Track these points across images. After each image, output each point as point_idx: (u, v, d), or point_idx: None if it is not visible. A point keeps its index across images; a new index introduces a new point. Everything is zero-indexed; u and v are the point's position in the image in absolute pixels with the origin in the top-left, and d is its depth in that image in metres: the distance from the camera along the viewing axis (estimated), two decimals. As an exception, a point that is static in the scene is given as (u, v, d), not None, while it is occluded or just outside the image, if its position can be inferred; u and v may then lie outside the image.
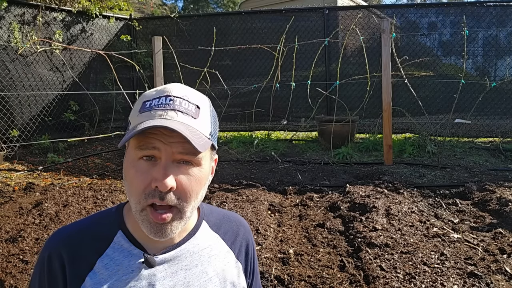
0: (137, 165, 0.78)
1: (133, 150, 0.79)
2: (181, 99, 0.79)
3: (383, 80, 4.95)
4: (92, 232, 0.86)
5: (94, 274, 0.81)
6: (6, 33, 5.68)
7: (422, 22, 6.80)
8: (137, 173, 0.77)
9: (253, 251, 1.02)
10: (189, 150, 0.77)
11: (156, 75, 5.17)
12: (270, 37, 6.73)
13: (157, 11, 15.90)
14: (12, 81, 5.75)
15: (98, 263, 0.82)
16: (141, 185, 0.77)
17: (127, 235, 0.85)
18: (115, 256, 0.83)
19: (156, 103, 0.79)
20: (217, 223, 0.97)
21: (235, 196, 3.72)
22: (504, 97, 6.36)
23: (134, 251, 0.84)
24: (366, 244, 2.65)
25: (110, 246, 0.84)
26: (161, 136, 0.76)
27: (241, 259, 0.97)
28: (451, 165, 5.01)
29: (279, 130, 6.93)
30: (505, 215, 3.14)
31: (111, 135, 5.83)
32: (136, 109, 0.81)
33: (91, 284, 0.80)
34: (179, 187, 0.77)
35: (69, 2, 6.73)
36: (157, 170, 0.76)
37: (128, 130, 0.82)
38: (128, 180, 0.80)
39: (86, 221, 0.89)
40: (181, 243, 0.88)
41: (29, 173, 4.93)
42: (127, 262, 0.83)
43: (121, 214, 0.89)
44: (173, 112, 0.77)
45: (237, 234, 0.98)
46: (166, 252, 0.85)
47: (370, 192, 3.72)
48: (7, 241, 2.79)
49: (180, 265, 0.86)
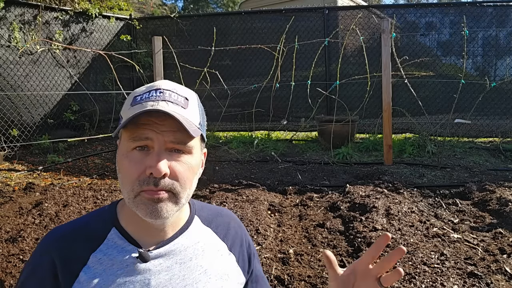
0: (130, 156, 0.80)
1: (126, 142, 0.81)
2: (170, 91, 0.83)
3: (383, 80, 4.95)
4: (86, 231, 0.87)
5: (88, 269, 0.82)
6: (6, 33, 5.68)
7: (422, 22, 6.81)
8: (131, 163, 0.80)
9: (247, 242, 1.04)
10: (180, 139, 0.80)
11: (156, 75, 5.17)
12: (270, 37, 6.73)
13: (157, 11, 15.89)
14: (12, 81, 5.75)
15: (92, 258, 0.83)
16: (135, 173, 0.79)
17: (121, 231, 0.86)
18: (108, 251, 0.84)
19: (146, 96, 0.82)
20: (208, 218, 1.00)
21: (235, 196, 3.72)
22: (504, 97, 6.36)
23: (128, 247, 0.85)
24: (366, 244, 2.65)
25: (104, 243, 0.85)
26: (153, 126, 0.79)
27: (234, 251, 0.99)
28: (451, 165, 5.01)
29: (279, 130, 6.93)
30: (505, 215, 3.14)
31: (111, 135, 5.82)
32: (128, 103, 0.84)
33: (86, 279, 0.80)
34: (172, 173, 0.80)
35: (69, 2, 6.73)
36: (151, 158, 0.78)
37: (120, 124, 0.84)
38: (122, 171, 0.82)
39: (79, 221, 0.90)
40: (174, 237, 0.89)
41: (29, 173, 4.93)
42: (121, 257, 0.83)
43: (115, 211, 0.90)
44: (163, 102, 0.80)
45: (228, 227, 1.01)
46: (159, 247, 0.86)
47: (370, 192, 3.72)
48: (7, 241, 2.79)
49: (175, 259, 0.87)
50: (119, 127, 0.81)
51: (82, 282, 0.80)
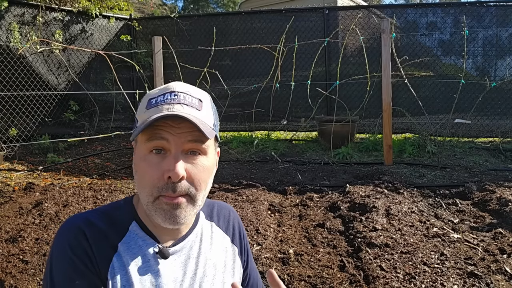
0: (147, 159, 0.82)
1: (143, 145, 0.82)
2: (184, 94, 0.84)
3: (383, 80, 4.95)
4: (111, 220, 0.87)
5: (119, 256, 0.83)
6: (6, 33, 5.68)
7: (422, 22, 6.81)
8: (148, 166, 0.81)
9: (243, 233, 1.08)
10: (198, 138, 0.81)
11: (156, 75, 5.17)
12: (270, 37, 6.73)
13: (157, 11, 15.90)
14: (12, 81, 5.75)
15: (120, 246, 0.84)
16: (153, 177, 0.80)
17: (141, 225, 0.88)
18: (132, 243, 0.86)
19: (161, 99, 0.83)
20: (210, 212, 1.03)
21: (235, 196, 3.72)
22: (504, 97, 6.35)
23: (149, 241, 0.87)
24: (366, 244, 2.65)
25: (127, 234, 0.87)
26: (169, 128, 0.80)
27: (236, 243, 1.03)
28: (451, 165, 5.01)
29: (279, 130, 6.92)
30: (505, 215, 3.14)
31: (111, 135, 5.83)
32: (143, 106, 0.85)
33: (118, 266, 0.82)
34: (189, 176, 0.81)
35: (69, 2, 6.73)
36: (168, 161, 0.80)
37: (136, 127, 0.85)
38: (140, 174, 0.83)
39: (102, 210, 0.90)
40: (188, 234, 0.92)
41: (29, 173, 4.93)
42: (144, 251, 0.86)
43: (132, 206, 0.92)
44: (178, 105, 0.82)
45: (228, 219, 1.05)
46: (176, 244, 0.89)
47: (370, 192, 3.72)
48: (7, 241, 2.79)
49: (188, 254, 0.91)
50: (137, 131, 0.81)
51: (115, 268, 0.82)
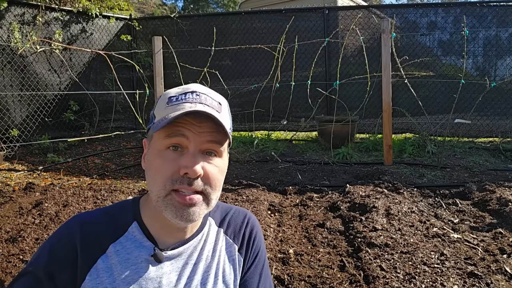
0: (164, 155, 0.81)
1: (160, 140, 0.82)
2: (206, 95, 0.85)
3: (383, 80, 4.95)
4: (109, 220, 0.88)
5: (106, 258, 0.83)
6: (6, 33, 5.68)
7: (422, 22, 6.81)
8: (164, 162, 0.81)
9: (257, 241, 1.01)
10: (217, 139, 0.82)
11: (156, 75, 5.17)
12: (270, 37, 6.73)
13: (157, 11, 15.90)
14: (12, 81, 5.75)
15: (111, 248, 0.84)
16: (168, 172, 0.80)
17: (141, 227, 0.88)
18: (127, 245, 0.85)
19: (183, 97, 0.83)
20: (222, 218, 1.00)
21: (235, 196, 3.72)
22: (504, 97, 6.35)
23: (146, 243, 0.86)
24: (366, 244, 2.65)
25: (124, 235, 0.86)
26: (190, 126, 0.80)
27: (242, 251, 0.99)
28: (451, 165, 5.01)
29: (279, 130, 6.92)
30: (505, 215, 3.14)
31: (111, 135, 5.83)
32: (162, 103, 0.85)
33: (103, 267, 0.82)
34: (205, 175, 0.82)
35: (69, 2, 6.73)
36: (186, 158, 0.80)
37: (153, 123, 0.85)
38: (153, 169, 0.82)
39: (104, 210, 0.92)
40: (191, 238, 0.91)
41: (29, 173, 4.93)
42: (137, 253, 0.85)
43: (138, 206, 0.91)
44: (201, 105, 0.82)
45: (240, 226, 1.01)
46: (175, 247, 0.88)
47: (370, 192, 3.72)
48: (7, 241, 2.79)
49: (187, 260, 0.89)
50: (159, 126, 0.80)
51: (99, 269, 0.82)
